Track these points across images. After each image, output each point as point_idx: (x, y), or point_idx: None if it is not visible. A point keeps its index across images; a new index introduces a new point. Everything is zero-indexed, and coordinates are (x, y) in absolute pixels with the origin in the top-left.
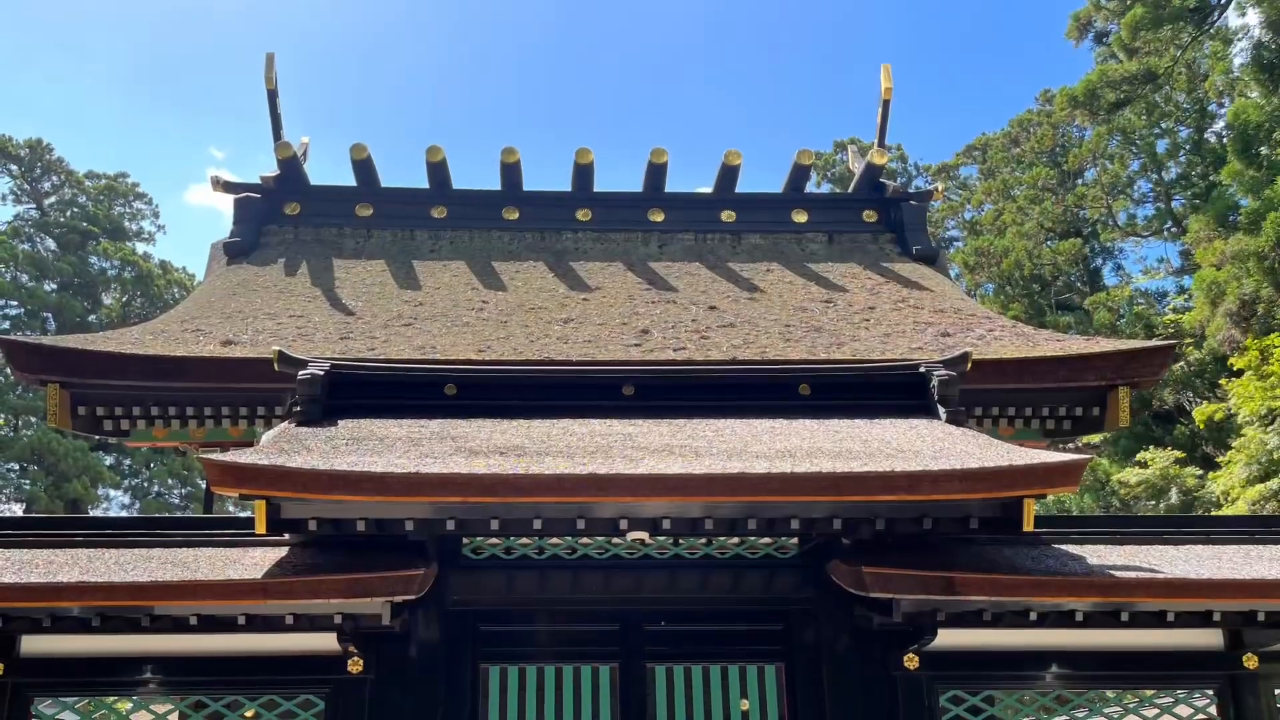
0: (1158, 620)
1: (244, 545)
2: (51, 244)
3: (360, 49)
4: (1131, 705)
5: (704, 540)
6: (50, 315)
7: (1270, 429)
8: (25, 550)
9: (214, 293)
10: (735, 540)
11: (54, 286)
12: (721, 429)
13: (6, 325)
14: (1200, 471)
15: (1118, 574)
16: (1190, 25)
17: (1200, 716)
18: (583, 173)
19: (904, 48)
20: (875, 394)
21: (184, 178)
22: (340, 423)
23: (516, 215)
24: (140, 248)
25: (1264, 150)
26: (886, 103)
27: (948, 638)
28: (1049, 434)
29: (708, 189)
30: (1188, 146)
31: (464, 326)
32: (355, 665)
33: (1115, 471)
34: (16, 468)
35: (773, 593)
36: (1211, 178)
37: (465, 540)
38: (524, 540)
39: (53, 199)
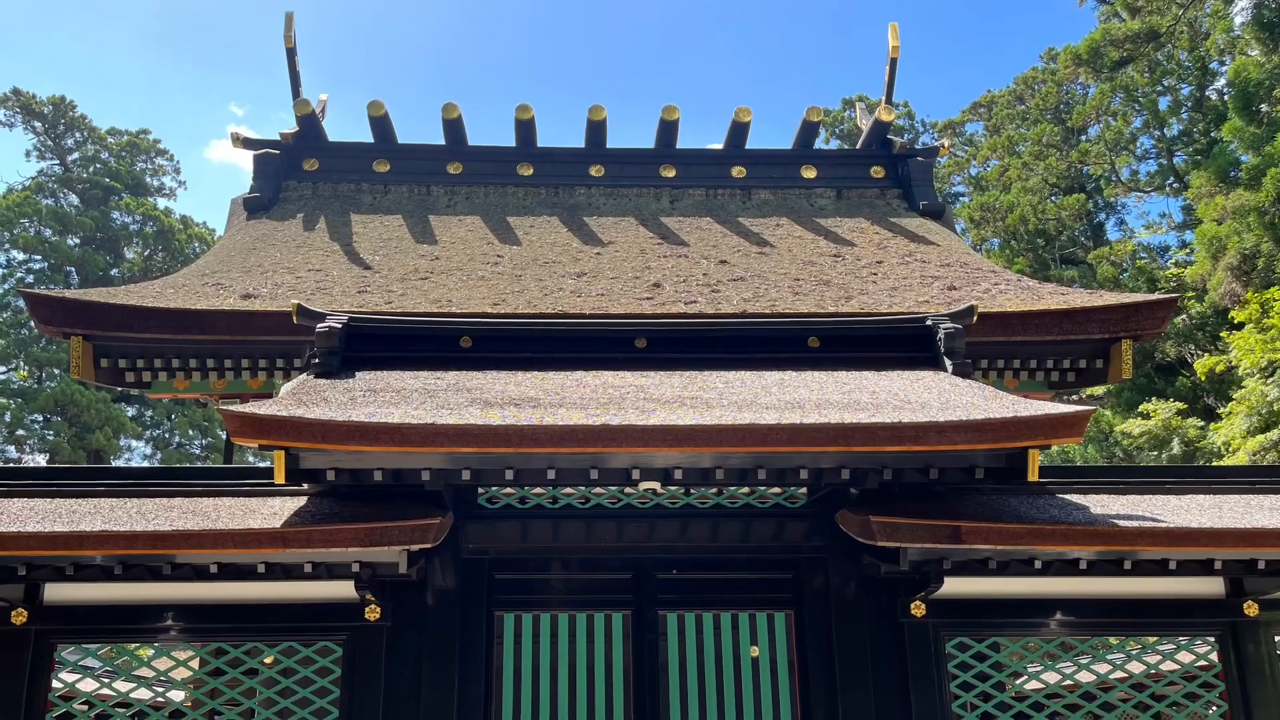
0: (1160, 568)
1: (263, 495)
2: (74, 199)
3: (378, 6)
4: (1134, 652)
5: (715, 490)
6: (73, 269)
7: (1270, 381)
8: (49, 500)
9: (234, 247)
10: (745, 490)
11: (77, 241)
12: (732, 381)
13: (31, 279)
14: (1202, 423)
15: (1121, 523)
16: None
17: (1201, 663)
18: (595, 129)
19: (912, 5)
20: (883, 346)
21: (204, 133)
22: (358, 374)
23: (531, 171)
24: (162, 203)
25: (1264, 107)
26: (894, 61)
27: (954, 586)
28: (1053, 386)
29: (719, 145)
30: (1189, 104)
31: (479, 280)
32: (372, 613)
33: (1118, 423)
34: (40, 419)
35: (782, 541)
36: (1213, 134)
37: (480, 490)
38: (538, 490)
39: (75, 155)
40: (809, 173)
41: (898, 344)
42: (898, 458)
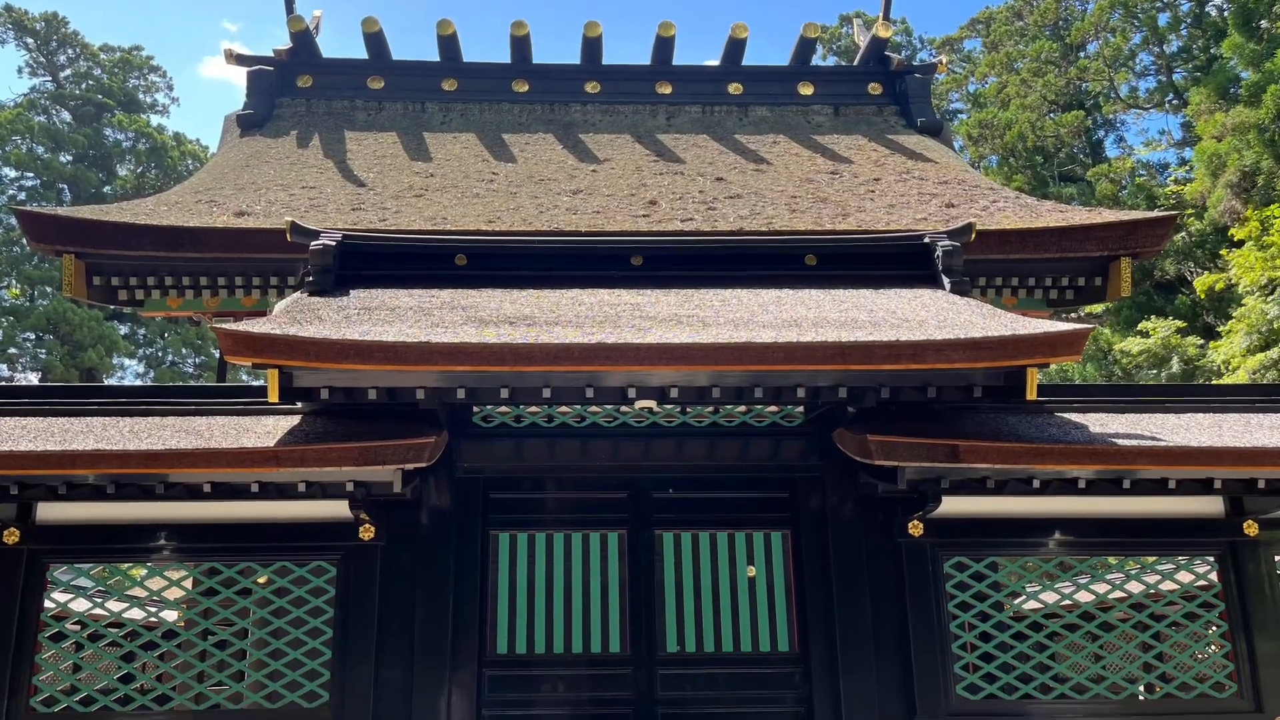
0: (1159, 487)
1: (257, 414)
2: (67, 116)
3: None
4: (1133, 571)
5: (711, 409)
6: (66, 186)
7: (1270, 298)
8: (41, 418)
9: (227, 164)
10: (742, 409)
11: (69, 158)
12: (728, 299)
13: (23, 196)
14: (1201, 341)
15: (1119, 441)
16: None
17: (1201, 583)
18: (591, 45)
19: None
20: (880, 264)
21: (198, 50)
22: (352, 292)
23: (526, 88)
24: (155, 120)
25: (1264, 23)
26: None
27: (951, 505)
28: (1052, 304)
29: (715, 62)
30: (1189, 20)
31: (474, 198)
32: (367, 532)
33: (1117, 341)
34: (33, 337)
35: (779, 460)
36: (1212, 51)
37: (475, 409)
38: (533, 409)
39: (68, 72)
40: (806, 90)
41: (895, 262)
42: (895, 376)
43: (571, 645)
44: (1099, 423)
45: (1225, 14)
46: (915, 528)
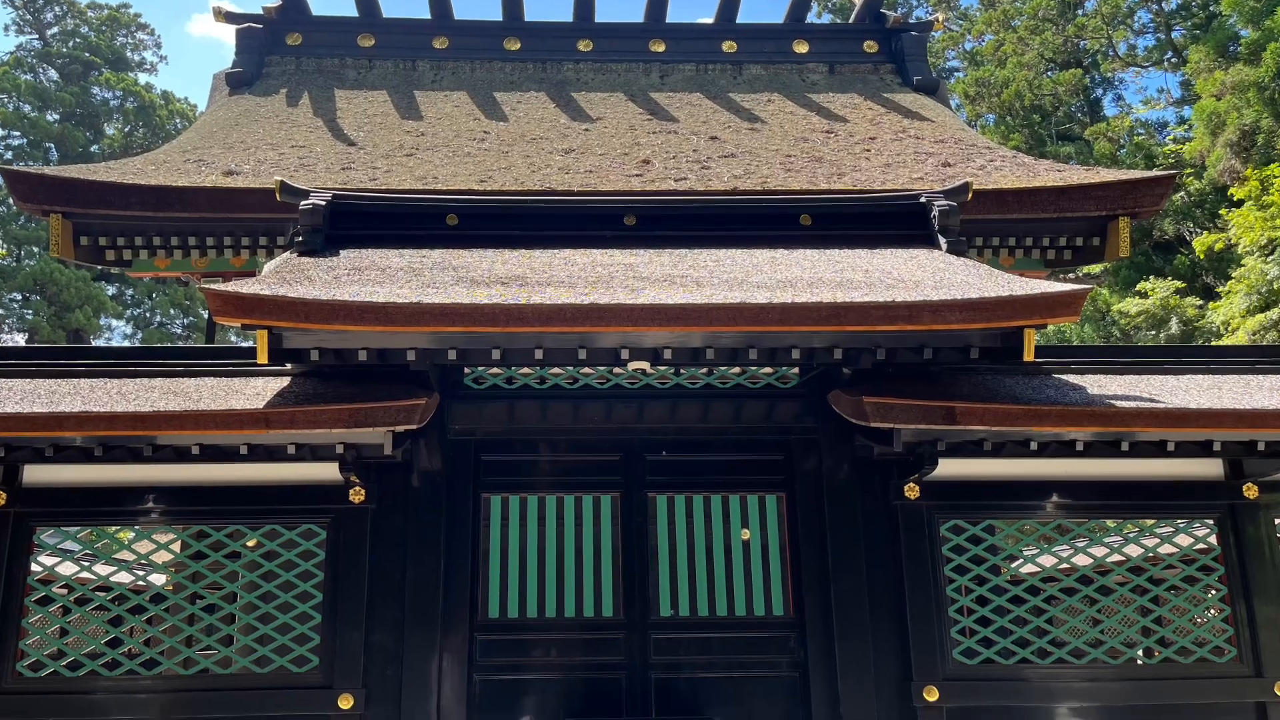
0: (1158, 450)
1: (246, 375)
2: (54, 74)
3: None
4: (1132, 534)
5: (705, 370)
6: (53, 146)
7: (1270, 259)
8: (27, 380)
9: (216, 123)
10: (736, 370)
11: (56, 117)
12: (722, 259)
13: (9, 155)
14: (1200, 301)
15: (1118, 403)
16: None
17: (1200, 546)
18: (584, 3)
19: None
20: (876, 224)
21: (186, 8)
22: (342, 253)
23: (518, 46)
24: (143, 78)
25: None
26: None
27: (948, 467)
28: (1049, 264)
29: (709, 20)
30: None
31: (466, 157)
32: (357, 495)
33: (1115, 301)
34: (19, 298)
35: (774, 422)
36: (1212, 8)
37: (467, 370)
38: (525, 370)
39: (55, 29)
40: (801, 48)
41: (891, 222)
42: (891, 337)
43: (564, 609)
44: (1097, 384)
45: None
46: (911, 490)
